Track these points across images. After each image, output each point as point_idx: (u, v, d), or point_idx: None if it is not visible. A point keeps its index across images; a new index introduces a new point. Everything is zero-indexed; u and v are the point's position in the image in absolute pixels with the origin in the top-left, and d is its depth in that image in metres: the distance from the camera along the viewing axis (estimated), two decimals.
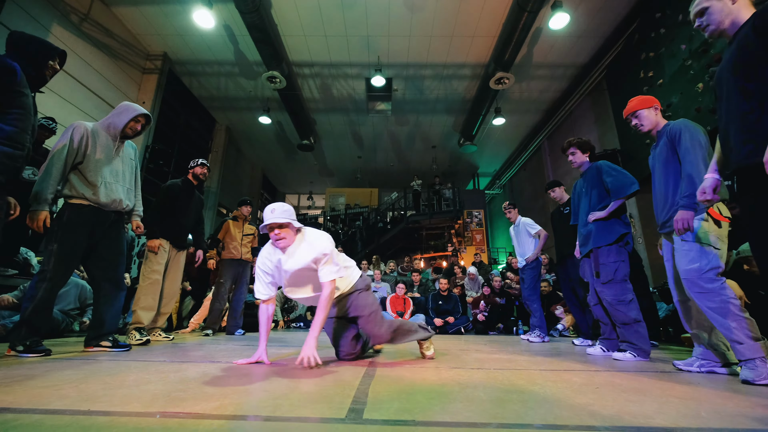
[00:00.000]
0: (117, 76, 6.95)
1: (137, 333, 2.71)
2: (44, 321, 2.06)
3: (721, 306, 1.68)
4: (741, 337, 1.61)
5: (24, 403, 1.01)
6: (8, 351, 1.95)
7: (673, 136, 1.93)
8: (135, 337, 2.68)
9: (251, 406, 1.05)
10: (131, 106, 2.43)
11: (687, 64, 5.50)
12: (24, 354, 1.90)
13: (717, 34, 1.52)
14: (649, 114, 2.10)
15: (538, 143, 11.03)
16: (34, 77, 1.88)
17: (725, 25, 1.47)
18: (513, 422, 0.93)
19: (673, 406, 1.12)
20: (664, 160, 1.98)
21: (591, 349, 2.66)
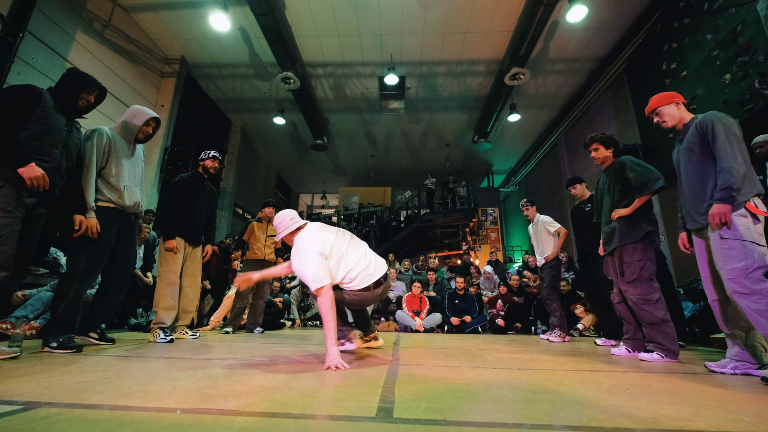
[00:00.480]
0: (137, 80, 7.13)
1: (161, 332, 2.78)
2: (75, 318, 2.16)
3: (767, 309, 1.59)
4: None
5: (65, 398, 1.05)
6: (42, 347, 2.03)
7: (704, 129, 1.85)
8: (159, 335, 2.75)
9: (281, 403, 1.06)
10: (142, 110, 2.52)
11: (713, 54, 5.30)
12: (58, 350, 1.99)
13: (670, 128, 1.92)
14: (671, 110, 2.04)
15: (555, 139, 10.82)
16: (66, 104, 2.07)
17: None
18: (546, 423, 0.92)
19: (711, 409, 1.09)
20: (692, 154, 1.91)
21: (615, 350, 2.59)
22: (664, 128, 2.06)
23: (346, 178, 15.04)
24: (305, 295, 5.74)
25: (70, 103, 2.09)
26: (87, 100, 2.17)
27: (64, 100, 2.06)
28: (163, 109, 7.57)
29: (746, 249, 1.66)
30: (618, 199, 2.55)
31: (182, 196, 3.05)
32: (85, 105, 2.18)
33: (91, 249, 2.19)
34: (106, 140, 2.32)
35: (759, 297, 1.61)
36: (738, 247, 1.68)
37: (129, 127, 2.45)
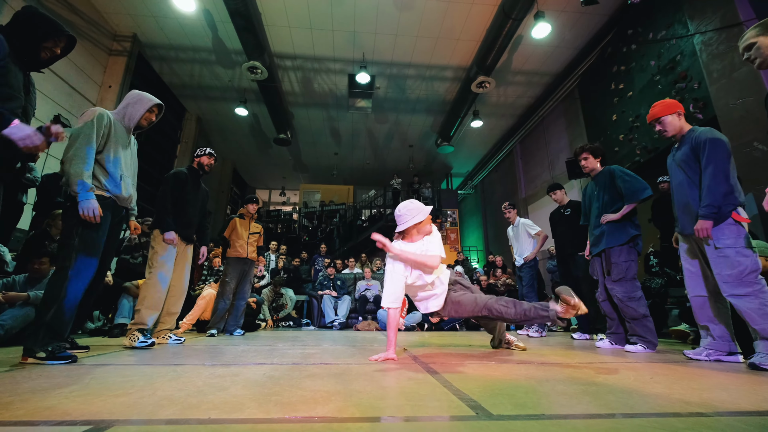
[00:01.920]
0: (81, 56, 6.33)
1: (140, 335, 2.50)
2: (67, 323, 1.86)
3: (760, 307, 1.83)
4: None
5: (123, 413, 0.93)
6: (25, 358, 1.72)
7: (697, 144, 2.08)
8: (138, 338, 2.46)
9: (368, 407, 1.03)
10: (144, 96, 2.31)
11: (655, 79, 6.00)
12: (48, 361, 1.70)
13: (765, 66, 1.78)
14: (673, 120, 2.21)
15: (511, 147, 11.51)
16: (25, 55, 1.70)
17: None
18: (630, 412, 1.00)
19: (741, 393, 1.25)
20: (686, 166, 2.13)
21: (600, 343, 2.86)
22: (665, 137, 2.27)
23: (308, 174, 14.66)
24: (278, 295, 5.52)
25: (28, 55, 1.72)
26: (52, 51, 1.79)
27: (21, 51, 1.69)
28: (110, 90, 6.81)
29: (739, 255, 1.91)
30: (607, 204, 2.80)
31: (180, 190, 2.82)
32: (48, 57, 1.80)
33: (82, 242, 1.90)
34: (107, 122, 2.05)
35: (752, 297, 1.85)
36: (732, 255, 1.92)
37: (129, 114, 2.22)
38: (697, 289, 2.18)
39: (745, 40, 1.78)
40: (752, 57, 1.76)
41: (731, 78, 4.64)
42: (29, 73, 1.77)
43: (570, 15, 6.92)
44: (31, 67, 1.77)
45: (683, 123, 2.24)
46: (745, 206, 2.04)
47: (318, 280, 6.20)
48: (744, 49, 1.79)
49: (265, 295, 5.39)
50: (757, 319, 1.83)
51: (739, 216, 1.95)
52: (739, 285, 1.89)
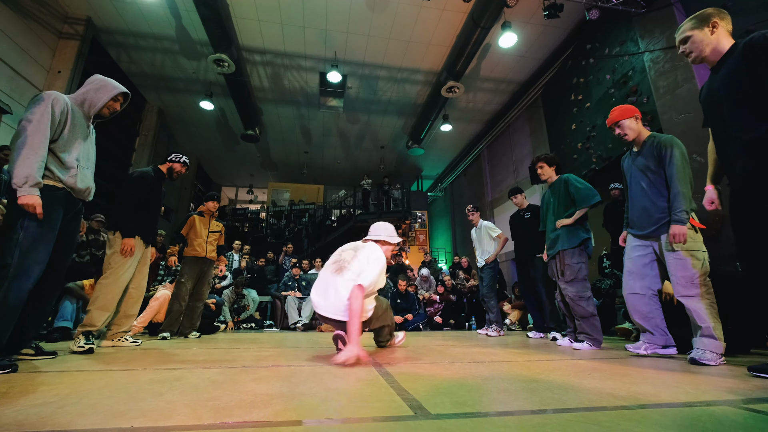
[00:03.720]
0: (26, 38, 5.85)
1: (83, 338, 2.32)
2: (6, 328, 1.66)
3: (707, 307, 1.97)
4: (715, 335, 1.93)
5: (42, 425, 0.85)
6: None
7: (660, 151, 2.16)
8: (80, 341, 2.28)
9: (307, 409, 1.01)
10: (109, 82, 2.13)
11: (610, 92, 6.38)
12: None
13: (699, 61, 1.75)
14: (631, 123, 2.29)
15: (479, 151, 11.82)
16: None
17: (706, 53, 1.71)
18: (562, 407, 1.04)
19: (666, 386, 1.35)
20: (648, 171, 2.19)
21: (560, 341, 3.00)
22: (626, 141, 2.34)
23: (277, 173, 14.34)
24: (239, 296, 5.34)
25: None
26: None
27: None
28: (60, 76, 6.34)
29: (694, 258, 2.03)
30: (561, 210, 2.94)
31: (146, 194, 2.69)
32: None
33: (27, 237, 1.72)
34: (63, 107, 1.86)
35: (700, 297, 1.99)
36: (686, 258, 2.04)
37: (90, 101, 2.03)
38: (635, 287, 2.30)
39: (681, 32, 1.77)
40: (687, 51, 1.77)
41: (675, 94, 5.01)
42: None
43: (535, 27, 7.21)
44: None
45: (641, 127, 2.33)
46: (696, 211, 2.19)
47: (283, 281, 6.07)
48: (680, 42, 1.79)
49: (226, 296, 5.21)
50: (704, 317, 1.96)
51: (696, 222, 2.09)
52: (690, 286, 2.01)
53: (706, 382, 1.41)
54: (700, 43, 1.72)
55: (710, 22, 1.70)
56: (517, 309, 4.82)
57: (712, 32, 1.69)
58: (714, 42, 1.68)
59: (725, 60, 1.66)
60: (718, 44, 1.67)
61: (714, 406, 1.07)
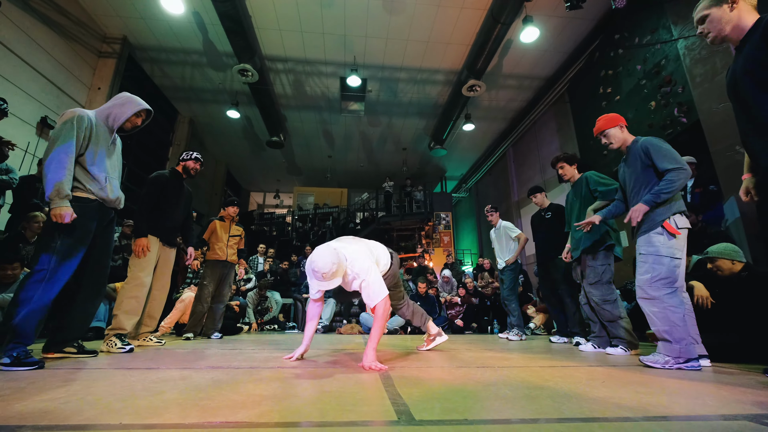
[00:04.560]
0: (69, 58, 6.33)
1: (118, 340, 2.46)
2: (36, 327, 1.81)
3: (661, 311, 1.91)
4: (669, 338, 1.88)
5: (41, 419, 0.91)
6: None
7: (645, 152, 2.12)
8: (115, 345, 2.42)
9: (293, 412, 1.01)
10: (134, 99, 2.26)
11: (641, 83, 6.03)
12: (12, 368, 1.64)
13: (719, 41, 1.61)
14: (616, 132, 2.29)
15: (504, 150, 11.54)
16: None
17: (726, 31, 1.57)
18: (557, 417, 0.98)
19: (680, 396, 1.24)
20: (635, 173, 2.17)
21: (583, 346, 2.86)
22: (612, 149, 2.33)
23: (302, 177, 14.66)
24: (262, 298, 5.49)
25: None
26: None
27: None
28: (99, 92, 6.81)
29: (656, 262, 1.95)
30: (584, 210, 2.80)
31: (159, 193, 2.78)
32: None
33: (65, 246, 1.87)
34: (87, 123, 2.01)
35: (656, 302, 1.92)
36: (650, 261, 1.97)
37: (114, 115, 2.16)
38: None
39: (698, 11, 1.66)
40: (705, 31, 1.64)
41: (713, 82, 4.65)
42: None
43: (558, 20, 6.96)
44: None
45: (626, 135, 2.30)
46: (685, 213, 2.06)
47: (303, 283, 6.18)
48: (697, 22, 1.67)
49: (250, 299, 5.37)
50: (656, 322, 1.92)
51: (671, 227, 1.97)
52: (647, 289, 1.95)
53: (731, 394, 1.28)
54: (718, 21, 1.57)
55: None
56: (542, 312, 4.63)
57: (731, 8, 1.55)
58: (735, 19, 1.53)
59: (749, 38, 1.51)
60: (740, 21, 1.52)
61: (732, 420, 0.97)
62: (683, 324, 1.88)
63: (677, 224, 1.97)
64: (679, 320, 1.88)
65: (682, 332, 1.87)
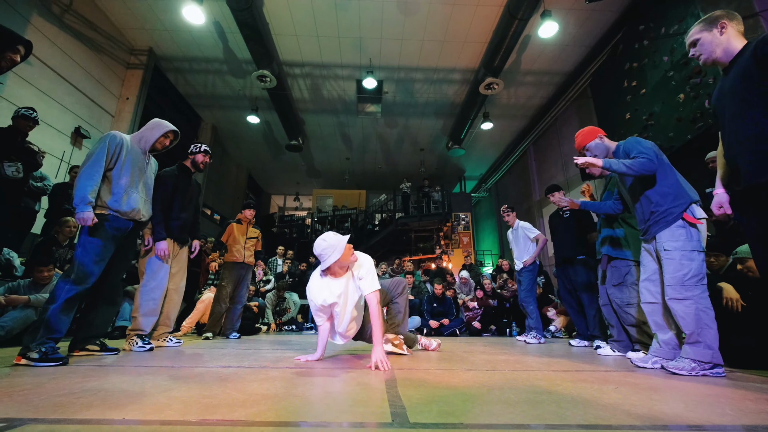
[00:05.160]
0: (100, 70, 6.68)
1: (139, 340, 2.58)
2: (64, 323, 1.97)
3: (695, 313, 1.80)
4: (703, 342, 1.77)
5: (50, 413, 0.96)
6: (18, 359, 1.79)
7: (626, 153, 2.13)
8: (137, 343, 2.54)
9: (290, 411, 1.03)
10: (162, 123, 2.53)
11: (669, 75, 5.75)
12: (39, 363, 1.75)
13: (710, 63, 1.71)
14: (597, 144, 2.28)
15: (524, 148, 11.28)
16: None
17: (716, 54, 1.68)
18: (557, 423, 0.95)
19: (698, 405, 1.17)
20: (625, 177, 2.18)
21: (602, 350, 2.75)
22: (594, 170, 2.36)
23: (321, 179, 14.85)
24: (281, 299, 5.59)
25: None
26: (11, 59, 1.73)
27: None
28: (128, 102, 7.14)
29: (684, 258, 1.85)
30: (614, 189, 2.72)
31: (171, 193, 2.86)
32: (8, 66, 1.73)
33: (88, 251, 2.06)
34: (119, 143, 2.26)
35: (690, 302, 1.81)
36: (677, 258, 1.87)
37: (145, 138, 2.44)
38: (648, 297, 2.12)
39: (690, 36, 1.76)
40: (697, 54, 1.74)
41: None
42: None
43: (578, 13, 6.75)
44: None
45: (608, 143, 2.29)
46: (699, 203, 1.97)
47: None
48: (689, 45, 1.77)
49: (268, 300, 5.48)
50: (690, 324, 1.81)
51: (691, 217, 1.88)
52: (680, 288, 1.84)
53: (756, 404, 1.19)
54: (709, 44, 1.69)
55: (719, 24, 1.67)
56: (563, 315, 4.49)
57: (721, 33, 1.66)
58: (724, 43, 1.65)
59: (736, 61, 1.61)
60: (728, 45, 1.64)
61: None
62: (715, 325, 1.78)
63: (695, 214, 1.88)
64: (711, 322, 1.78)
65: (714, 335, 1.76)
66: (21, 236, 3.65)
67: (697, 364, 1.74)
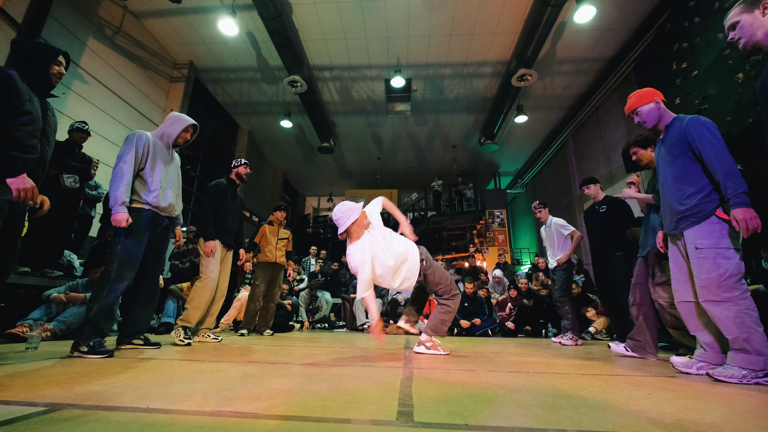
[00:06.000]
0: (147, 85, 7.22)
1: (183, 332, 2.76)
2: (108, 320, 2.13)
3: (736, 315, 1.64)
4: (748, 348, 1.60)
5: (88, 399, 1.06)
6: (72, 351, 1.99)
7: (687, 132, 1.84)
8: (180, 335, 2.73)
9: (300, 406, 1.06)
10: (181, 117, 2.56)
11: (725, 53, 5.23)
12: (88, 355, 1.95)
13: (750, 47, 1.59)
14: (650, 110, 2.01)
15: (563, 140, 10.75)
16: (36, 82, 1.86)
17: (758, 37, 1.56)
18: (571, 428, 0.90)
19: (739, 416, 1.06)
20: (672, 157, 1.91)
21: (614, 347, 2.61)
22: (646, 129, 2.07)
23: (353, 180, 15.06)
24: (313, 298, 5.75)
25: (41, 82, 1.86)
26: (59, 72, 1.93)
27: (34, 79, 1.83)
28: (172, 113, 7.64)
29: (719, 257, 1.69)
30: None
31: (220, 201, 3.10)
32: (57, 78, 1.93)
33: (123, 250, 2.17)
34: (145, 141, 2.32)
35: (730, 304, 1.65)
36: (711, 256, 1.70)
37: (167, 133, 2.48)
38: (684, 295, 1.92)
39: (728, 18, 1.65)
40: (736, 37, 1.63)
41: None
42: (45, 99, 1.94)
43: None
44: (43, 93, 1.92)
45: (663, 111, 2.01)
46: None
47: (352, 283, 6.34)
48: (728, 28, 1.67)
49: (302, 298, 5.65)
50: (732, 328, 1.63)
51: (725, 214, 1.70)
52: (717, 290, 1.67)
53: None
54: (749, 27, 1.57)
55: (761, 4, 1.55)
56: (604, 315, 4.22)
57: (763, 14, 1.53)
58: (766, 24, 1.52)
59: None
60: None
61: None
62: (761, 328, 1.61)
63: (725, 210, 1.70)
64: (756, 324, 1.61)
65: (762, 339, 1.59)
66: (80, 240, 4.05)
67: (748, 371, 1.58)
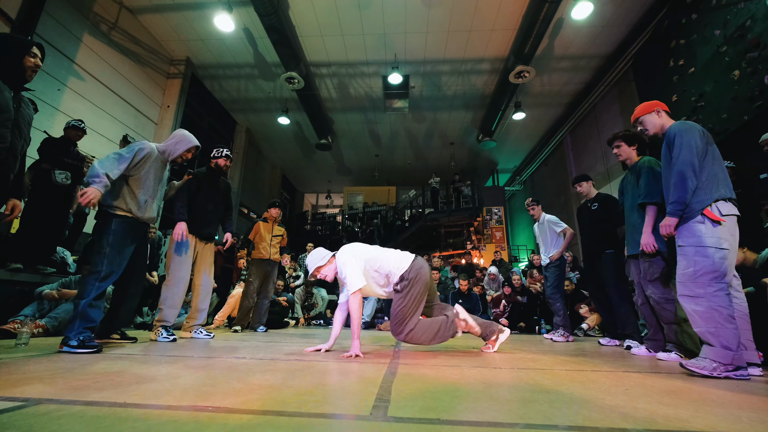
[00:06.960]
0: (143, 81, 7.20)
1: (163, 330, 2.79)
2: (96, 314, 2.17)
3: (706, 311, 1.69)
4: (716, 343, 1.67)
5: (66, 395, 1.07)
6: (61, 346, 2.01)
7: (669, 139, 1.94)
8: (161, 334, 2.76)
9: (277, 401, 1.07)
10: (186, 137, 2.63)
11: (722, 50, 5.21)
12: (77, 350, 1.97)
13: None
14: (651, 118, 2.08)
15: (560, 137, 10.74)
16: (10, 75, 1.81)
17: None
18: (539, 423, 0.91)
19: (710, 410, 1.07)
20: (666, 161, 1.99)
21: (636, 350, 2.60)
22: (648, 136, 2.15)
23: (351, 177, 15.05)
24: (309, 294, 5.77)
25: (13, 74, 1.82)
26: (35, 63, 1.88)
27: (5, 71, 1.79)
28: (168, 109, 7.64)
29: (697, 255, 1.73)
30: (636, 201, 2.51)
31: (195, 189, 3.07)
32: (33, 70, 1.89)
33: (112, 251, 2.23)
34: (146, 153, 2.38)
35: (702, 300, 1.70)
36: (690, 253, 1.76)
37: (169, 151, 2.56)
38: None
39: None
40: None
41: None
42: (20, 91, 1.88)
43: None
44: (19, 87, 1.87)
45: (664, 120, 2.08)
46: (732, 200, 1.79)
47: None
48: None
49: (297, 295, 5.66)
50: (698, 321, 1.71)
51: (712, 213, 1.73)
52: (692, 285, 1.73)
53: None
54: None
55: None
56: (596, 312, 4.24)
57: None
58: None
59: None
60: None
61: None
62: (732, 325, 1.63)
63: (720, 211, 1.70)
64: (726, 320, 1.64)
65: (731, 335, 1.62)
66: (75, 236, 4.06)
67: (719, 364, 1.61)
